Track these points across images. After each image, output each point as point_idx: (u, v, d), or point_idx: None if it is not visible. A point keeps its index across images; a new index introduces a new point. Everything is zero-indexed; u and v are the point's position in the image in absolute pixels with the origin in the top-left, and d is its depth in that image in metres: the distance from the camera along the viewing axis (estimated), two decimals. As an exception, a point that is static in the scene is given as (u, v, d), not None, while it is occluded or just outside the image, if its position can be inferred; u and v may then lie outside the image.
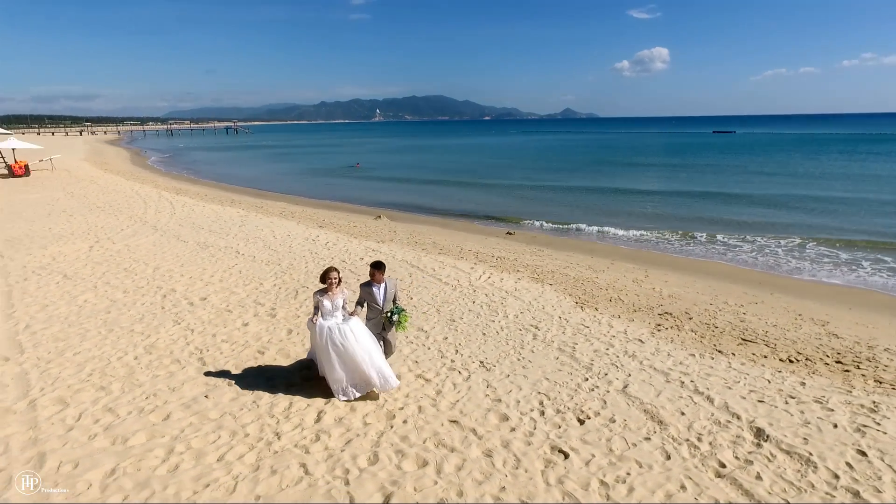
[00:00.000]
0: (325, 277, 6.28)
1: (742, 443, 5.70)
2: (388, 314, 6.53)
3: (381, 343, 6.65)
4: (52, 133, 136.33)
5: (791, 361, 8.26)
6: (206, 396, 6.29)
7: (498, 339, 8.45)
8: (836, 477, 5.15)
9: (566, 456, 5.39)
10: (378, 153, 71.54)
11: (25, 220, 17.49)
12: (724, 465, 5.31)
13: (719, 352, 8.47)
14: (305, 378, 6.80)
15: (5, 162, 31.34)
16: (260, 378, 6.85)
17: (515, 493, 4.80)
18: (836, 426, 6.05)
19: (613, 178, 38.35)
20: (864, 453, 5.53)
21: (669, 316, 10.25)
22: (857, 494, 4.88)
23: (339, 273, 6.36)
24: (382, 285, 6.56)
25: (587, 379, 7.12)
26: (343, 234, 16.86)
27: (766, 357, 8.38)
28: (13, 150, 31.84)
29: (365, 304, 6.63)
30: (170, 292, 10.20)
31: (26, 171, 29.58)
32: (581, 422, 6.06)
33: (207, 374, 6.92)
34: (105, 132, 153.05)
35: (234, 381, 6.73)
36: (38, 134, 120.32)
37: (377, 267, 6.52)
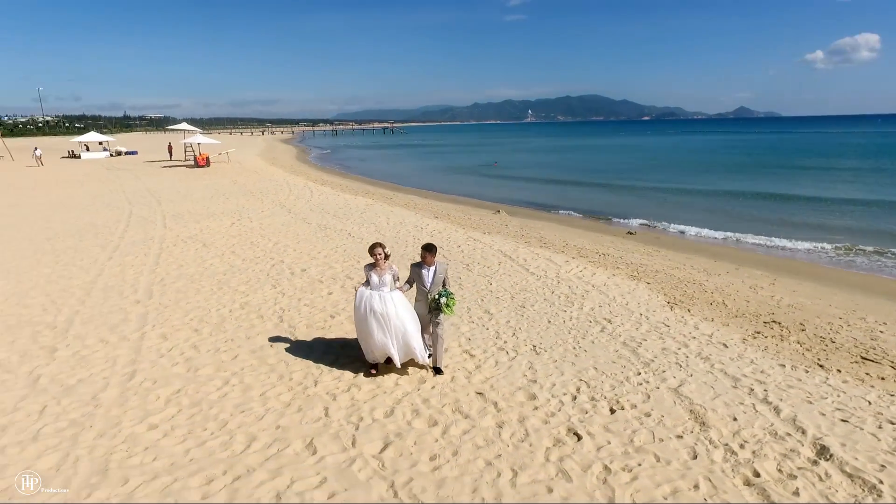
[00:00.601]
0: (371, 252, 6.38)
1: (794, 457, 5.05)
2: (437, 297, 6.48)
3: (431, 328, 6.64)
4: (241, 133, 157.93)
5: (917, 387, 6.98)
6: (270, 346, 7.16)
7: (562, 328, 8.29)
8: (903, 509, 4.38)
9: (579, 438, 5.25)
10: (520, 152, 71.65)
11: (192, 200, 20.81)
12: (758, 475, 4.77)
13: (820, 366, 7.43)
14: (361, 341, 7.36)
15: (193, 154, 37.33)
16: (322, 336, 7.57)
17: (509, 462, 4.82)
18: (935, 458, 5.08)
19: (776, 182, 33.78)
20: (956, 490, 4.60)
21: (776, 325, 9.17)
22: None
23: (384, 249, 6.37)
24: (432, 268, 6.55)
25: (639, 373, 6.74)
26: (453, 224, 17.43)
27: (883, 379, 7.17)
28: (198, 144, 37.84)
29: (414, 285, 6.69)
30: (278, 263, 11.57)
31: (207, 163, 35.04)
32: (612, 411, 5.81)
33: (280, 328, 7.83)
34: (282, 132, 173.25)
35: (299, 337, 7.54)
36: (231, 134, 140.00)
37: (428, 249, 6.53)
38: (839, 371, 7.29)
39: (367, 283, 6.44)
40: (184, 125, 45.44)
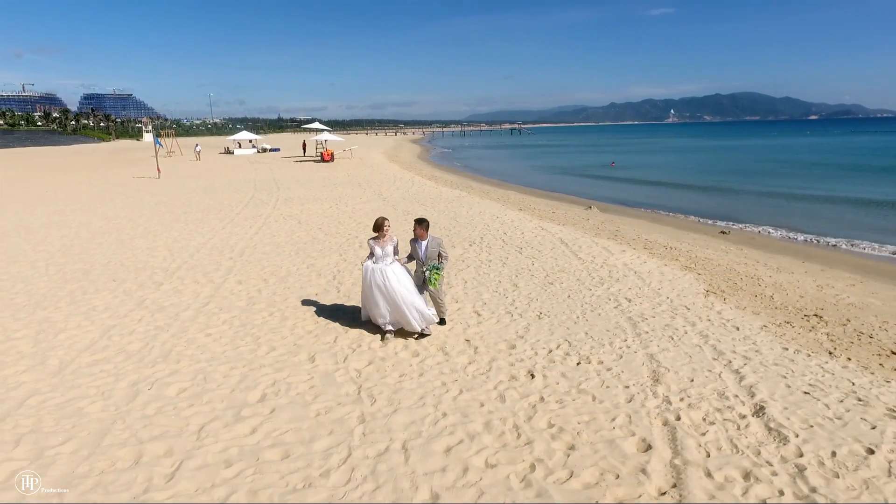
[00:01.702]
0: (379, 226, 6.97)
1: (726, 412, 5.43)
2: (424, 271, 6.98)
3: (428, 297, 7.13)
4: (376, 133, 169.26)
5: (936, 383, 6.73)
6: (316, 294, 8.80)
7: (578, 302, 8.87)
8: (801, 454, 4.72)
9: (533, 377, 6.08)
10: (645, 153, 68.78)
11: (305, 188, 23.77)
12: (679, 419, 5.29)
13: (829, 353, 7.38)
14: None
15: (321, 150, 41.70)
16: (360, 291, 9.04)
17: (461, 385, 5.82)
18: (874, 427, 5.21)
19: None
20: (871, 451, 4.80)
21: (815, 318, 8.95)
22: (802, 472, 4.48)
23: (389, 223, 7.08)
24: (424, 242, 7.02)
25: (625, 340, 7.26)
26: (531, 215, 18.15)
27: (895, 370, 6.98)
28: (325, 141, 42.16)
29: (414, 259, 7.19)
30: (353, 238, 13.37)
31: (331, 158, 39.00)
32: (578, 363, 6.50)
33: (331, 284, 9.46)
34: (413, 132, 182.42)
35: (342, 290, 9.09)
36: (367, 134, 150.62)
37: (419, 223, 7.02)
38: (849, 359, 7.18)
39: (371, 255, 7.03)
40: (316, 125, 50.67)
